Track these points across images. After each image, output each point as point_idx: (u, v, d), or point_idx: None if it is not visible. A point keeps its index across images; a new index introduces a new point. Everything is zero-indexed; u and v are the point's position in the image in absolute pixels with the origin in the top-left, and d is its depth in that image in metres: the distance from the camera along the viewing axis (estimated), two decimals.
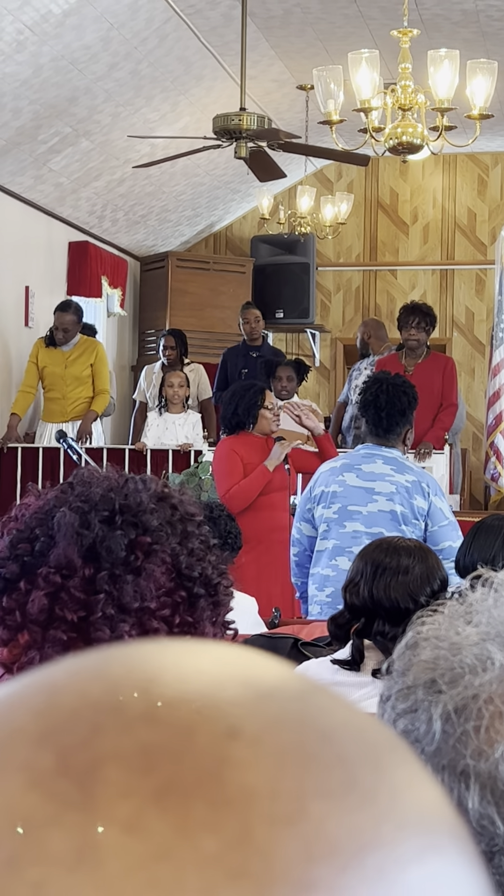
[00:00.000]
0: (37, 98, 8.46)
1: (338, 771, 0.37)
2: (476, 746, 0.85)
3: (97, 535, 1.36)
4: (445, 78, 6.46)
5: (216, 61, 8.96)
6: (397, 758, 0.39)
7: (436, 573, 2.97)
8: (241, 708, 0.37)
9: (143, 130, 9.29)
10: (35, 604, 1.35)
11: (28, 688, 0.38)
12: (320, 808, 0.36)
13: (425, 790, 0.39)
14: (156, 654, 0.39)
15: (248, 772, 0.36)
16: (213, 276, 11.39)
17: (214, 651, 0.40)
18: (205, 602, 1.38)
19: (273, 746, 0.36)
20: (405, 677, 0.92)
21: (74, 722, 0.37)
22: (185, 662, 0.39)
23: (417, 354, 8.69)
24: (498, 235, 10.19)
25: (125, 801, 0.35)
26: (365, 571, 2.96)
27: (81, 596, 1.34)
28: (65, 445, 7.32)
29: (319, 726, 0.38)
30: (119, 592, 1.34)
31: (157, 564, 1.36)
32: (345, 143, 7.11)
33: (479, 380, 11.44)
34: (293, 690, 0.39)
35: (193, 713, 0.37)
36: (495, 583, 0.98)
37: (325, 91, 6.75)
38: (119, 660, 0.39)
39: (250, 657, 0.40)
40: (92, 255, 10.57)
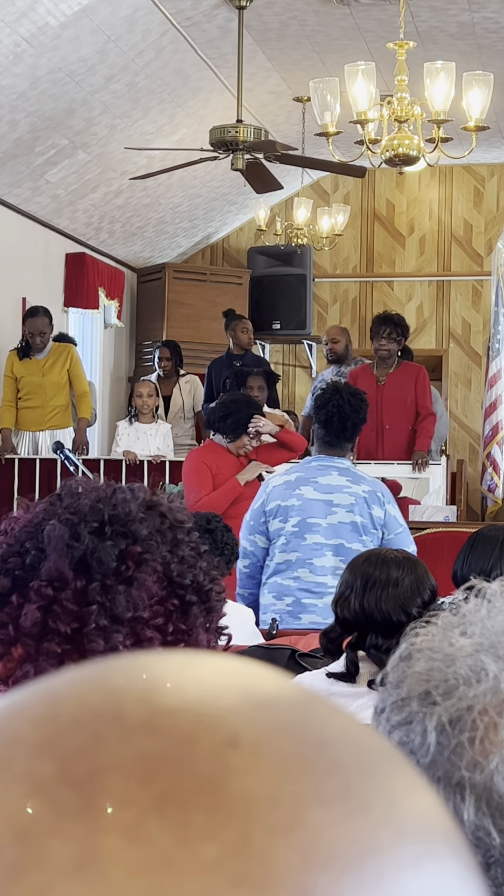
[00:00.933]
0: (34, 110, 8.47)
1: (335, 778, 0.37)
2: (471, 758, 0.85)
3: (87, 547, 1.36)
4: (441, 90, 6.48)
5: (213, 73, 8.98)
6: (393, 766, 0.39)
7: (425, 583, 2.97)
8: (240, 717, 0.37)
9: (139, 142, 9.31)
10: (28, 617, 1.35)
11: (29, 697, 0.39)
12: (318, 815, 0.36)
13: (422, 797, 0.39)
14: (155, 664, 0.40)
15: (247, 779, 0.36)
16: (209, 288, 11.41)
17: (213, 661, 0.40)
18: (197, 609, 1.38)
19: (272, 754, 0.37)
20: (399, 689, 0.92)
21: (75, 731, 0.37)
22: (185, 672, 0.39)
23: (389, 364, 8.73)
24: (494, 247, 10.20)
25: (126, 809, 0.35)
26: (355, 585, 2.95)
27: (74, 608, 1.35)
28: (61, 457, 7.32)
29: (317, 735, 0.38)
30: (111, 603, 1.34)
31: (148, 573, 1.36)
32: (341, 154, 7.13)
33: (475, 391, 11.45)
34: (291, 700, 0.39)
35: (193, 722, 0.37)
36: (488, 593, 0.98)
37: (321, 103, 6.77)
38: (119, 670, 0.39)
39: (248, 667, 0.40)
40: (89, 267, 10.58)
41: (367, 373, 8.89)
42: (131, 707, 0.37)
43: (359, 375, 8.97)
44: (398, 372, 8.75)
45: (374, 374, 8.78)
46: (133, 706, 0.37)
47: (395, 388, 8.71)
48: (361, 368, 9.05)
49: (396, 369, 8.76)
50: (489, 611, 0.96)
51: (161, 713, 0.37)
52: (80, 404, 9.16)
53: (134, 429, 9.26)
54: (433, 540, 6.89)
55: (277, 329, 11.39)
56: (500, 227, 10.86)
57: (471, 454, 11.21)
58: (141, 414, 9.28)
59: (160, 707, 0.37)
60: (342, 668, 2.95)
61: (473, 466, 10.81)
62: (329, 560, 4.97)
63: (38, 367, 9.06)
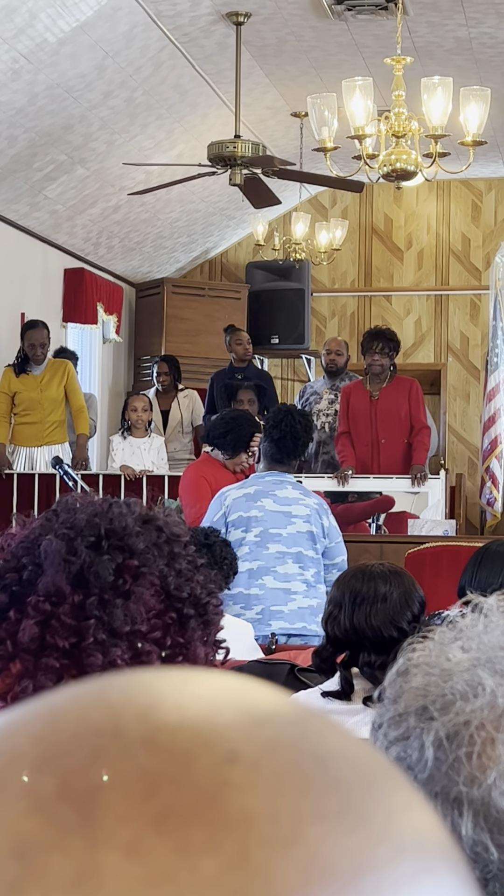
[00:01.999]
0: (32, 126, 8.49)
1: (334, 794, 0.37)
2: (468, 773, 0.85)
3: (84, 561, 1.36)
4: (439, 105, 6.50)
5: (211, 89, 9.00)
6: (391, 781, 0.39)
7: (414, 596, 2.95)
8: (238, 733, 0.38)
9: (138, 158, 9.33)
10: (26, 632, 1.35)
11: (28, 713, 0.39)
12: (317, 831, 0.36)
13: (420, 813, 0.39)
14: (155, 681, 0.40)
15: (246, 795, 0.36)
16: (208, 303, 11.42)
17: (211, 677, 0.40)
18: (195, 622, 1.38)
19: (270, 770, 0.37)
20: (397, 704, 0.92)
21: (75, 747, 0.37)
22: (184, 688, 0.40)
23: (382, 379, 8.75)
24: (492, 261, 10.22)
25: (125, 825, 0.35)
26: (343, 602, 2.92)
27: (72, 622, 1.34)
28: (60, 472, 7.32)
29: (315, 750, 0.38)
30: (109, 617, 1.34)
31: (145, 587, 1.36)
32: (339, 169, 7.15)
33: (474, 405, 11.46)
34: (289, 715, 0.40)
35: (192, 738, 0.37)
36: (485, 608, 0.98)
37: (319, 118, 6.79)
38: (118, 686, 0.39)
39: (246, 684, 0.41)
40: (87, 282, 10.59)
41: (360, 388, 8.91)
42: (130, 723, 0.37)
43: (352, 391, 8.98)
44: (391, 386, 8.77)
45: (368, 389, 8.80)
46: (132, 722, 0.37)
47: (388, 403, 8.73)
48: (355, 384, 9.07)
49: (389, 384, 8.78)
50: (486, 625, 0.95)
51: (160, 729, 0.37)
52: (77, 420, 9.14)
53: (128, 443, 9.25)
54: (432, 554, 6.89)
55: (276, 343, 11.40)
56: (498, 241, 10.88)
57: (470, 468, 11.22)
58: (135, 428, 9.27)
59: (159, 723, 0.37)
60: (336, 686, 2.93)
61: (472, 480, 10.81)
62: (291, 567, 5.36)
63: (35, 383, 9.05)
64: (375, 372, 8.73)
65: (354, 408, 8.85)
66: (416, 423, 8.71)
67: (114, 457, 9.26)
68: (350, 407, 8.88)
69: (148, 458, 9.17)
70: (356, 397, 8.89)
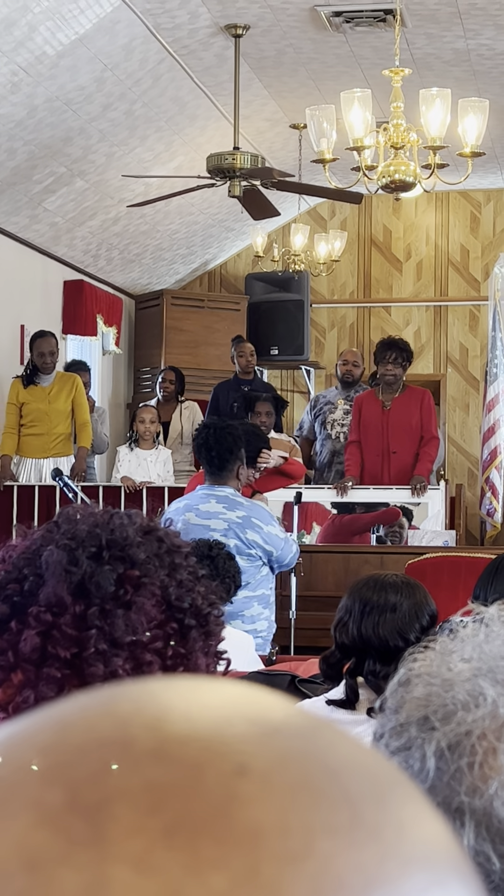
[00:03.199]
0: (31, 139, 8.51)
1: (344, 807, 0.37)
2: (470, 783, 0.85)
3: (85, 572, 1.36)
4: (437, 116, 6.51)
5: (210, 101, 9.02)
6: (402, 793, 0.39)
7: (424, 608, 2.94)
8: (248, 745, 0.37)
9: (137, 170, 9.35)
10: (27, 643, 1.35)
11: (37, 724, 0.39)
12: (327, 845, 0.36)
13: (430, 826, 0.39)
14: (163, 692, 0.40)
15: (256, 809, 0.36)
16: (207, 314, 11.43)
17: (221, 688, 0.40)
18: (196, 633, 1.38)
19: (281, 783, 0.37)
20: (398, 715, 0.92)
21: (83, 759, 0.37)
22: (193, 700, 0.39)
23: (394, 389, 8.74)
24: (491, 272, 10.23)
25: (135, 838, 0.35)
26: (353, 610, 2.92)
27: (73, 633, 1.35)
28: (60, 483, 7.31)
29: (326, 763, 0.38)
30: (110, 627, 1.34)
31: (146, 597, 1.36)
32: (338, 181, 7.16)
33: (473, 415, 11.46)
34: (299, 727, 0.39)
35: (202, 750, 0.37)
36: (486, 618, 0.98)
37: (317, 130, 6.80)
38: (127, 697, 0.39)
39: (257, 694, 0.40)
40: (87, 294, 10.60)
41: (372, 398, 8.89)
42: (139, 735, 0.37)
43: (364, 401, 8.96)
44: (403, 396, 8.74)
45: (380, 399, 8.78)
46: (141, 734, 0.37)
47: (400, 413, 8.70)
48: (367, 394, 9.04)
49: (402, 394, 8.75)
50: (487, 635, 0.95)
51: (169, 741, 0.37)
52: (80, 433, 9.15)
53: (135, 455, 9.24)
54: (432, 565, 6.88)
55: (275, 355, 11.40)
56: (497, 252, 10.89)
57: (469, 479, 11.21)
58: (142, 440, 9.25)
59: (168, 735, 0.37)
60: (341, 694, 2.93)
61: (472, 491, 10.81)
62: None
63: (43, 395, 9.06)
64: (388, 381, 8.71)
65: (366, 417, 8.83)
66: (425, 433, 8.69)
67: (118, 468, 9.24)
68: (362, 416, 8.86)
69: (154, 470, 9.15)
70: (368, 407, 8.87)
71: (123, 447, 9.40)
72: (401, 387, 8.76)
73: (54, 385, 9.07)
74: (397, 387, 8.74)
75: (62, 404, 9.07)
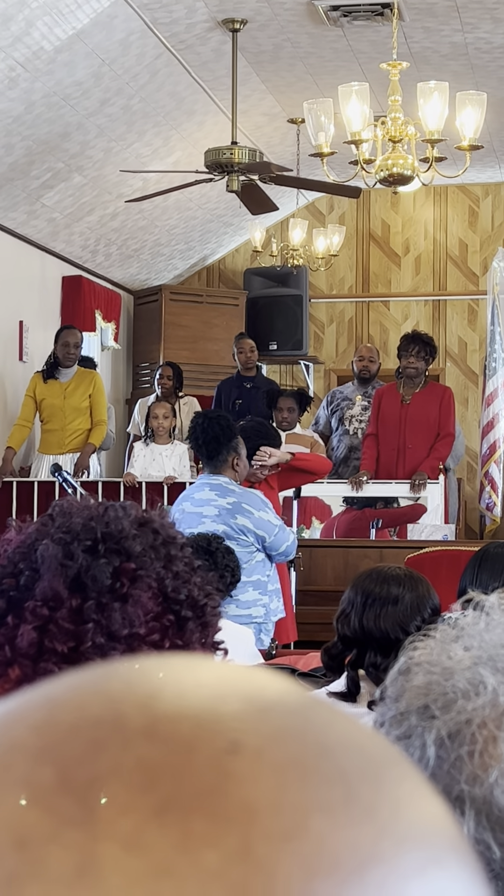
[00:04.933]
0: (29, 134, 8.50)
1: (338, 785, 0.37)
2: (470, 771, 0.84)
3: (81, 565, 1.36)
4: (435, 109, 6.50)
5: (207, 96, 9.01)
6: (398, 772, 0.39)
7: (426, 602, 2.95)
8: (241, 722, 0.37)
9: (135, 165, 9.34)
10: (24, 637, 1.35)
11: (27, 703, 0.38)
12: (321, 823, 0.36)
13: (426, 804, 0.39)
14: (155, 670, 0.39)
15: (248, 787, 0.36)
16: (206, 309, 11.42)
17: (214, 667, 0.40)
18: (193, 624, 1.38)
19: (274, 761, 0.36)
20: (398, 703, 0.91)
21: (74, 737, 0.36)
22: (185, 677, 0.39)
23: (416, 384, 8.71)
24: (489, 266, 10.23)
25: (126, 817, 0.35)
26: (355, 602, 2.93)
27: (70, 626, 1.35)
28: (60, 479, 7.31)
29: (320, 740, 0.38)
30: (107, 620, 1.34)
31: (143, 590, 1.36)
32: (336, 175, 7.15)
33: (472, 410, 11.46)
34: (293, 704, 0.39)
35: (194, 728, 0.36)
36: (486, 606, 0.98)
37: (315, 124, 6.79)
38: (119, 675, 0.39)
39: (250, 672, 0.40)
40: (85, 290, 10.59)
41: (392, 391, 8.86)
42: (131, 713, 0.37)
43: (384, 394, 8.93)
44: (424, 392, 8.71)
45: (400, 392, 8.75)
46: (133, 712, 0.37)
47: (419, 408, 8.66)
48: (388, 387, 9.01)
49: (423, 389, 8.72)
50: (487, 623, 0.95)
51: (161, 719, 0.37)
52: (94, 431, 9.17)
53: (150, 450, 9.22)
54: (431, 559, 6.88)
55: (274, 350, 11.40)
56: (496, 246, 10.89)
57: (469, 473, 11.21)
58: (157, 435, 9.24)
59: (160, 713, 0.37)
60: (342, 687, 2.93)
61: (471, 485, 10.81)
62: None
63: (60, 390, 9.07)
64: (410, 375, 8.68)
65: (385, 411, 8.80)
66: (441, 429, 8.65)
67: (133, 463, 9.23)
68: (381, 410, 8.83)
69: (169, 465, 9.12)
70: (387, 401, 8.84)
71: (139, 443, 9.39)
72: (423, 381, 8.72)
73: (72, 381, 9.11)
74: (419, 381, 8.70)
75: (77, 400, 9.09)
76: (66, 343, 9.02)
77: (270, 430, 6.64)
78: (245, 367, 10.04)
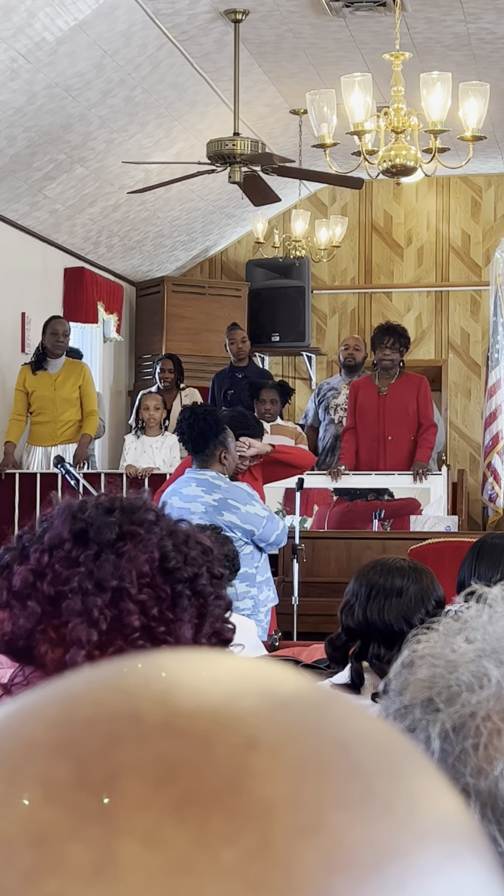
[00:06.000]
0: (31, 125, 8.49)
1: (356, 781, 0.37)
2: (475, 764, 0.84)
3: (90, 519, 1.42)
4: (438, 100, 6.49)
5: (209, 87, 9.00)
6: (415, 767, 0.39)
7: (430, 594, 2.95)
8: (259, 718, 0.37)
9: (137, 156, 9.33)
10: (19, 577, 1.39)
11: (44, 698, 0.38)
12: (339, 819, 0.36)
13: (444, 799, 0.38)
14: (172, 665, 0.39)
15: (266, 783, 0.35)
16: (208, 301, 11.41)
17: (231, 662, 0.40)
18: (189, 605, 1.40)
19: (292, 757, 0.36)
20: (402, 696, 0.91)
21: (91, 733, 0.36)
22: (202, 672, 0.39)
23: (391, 375, 8.75)
24: (492, 257, 10.21)
25: (143, 813, 0.35)
26: (359, 593, 2.93)
27: (63, 571, 1.38)
28: (62, 471, 7.30)
29: (337, 736, 0.38)
30: (99, 570, 1.38)
31: (141, 551, 1.40)
32: (338, 166, 7.13)
33: (475, 401, 11.46)
34: (311, 700, 0.39)
35: (211, 723, 0.36)
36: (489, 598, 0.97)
37: (318, 115, 6.78)
38: (136, 670, 0.39)
39: (267, 667, 0.40)
40: (88, 281, 10.59)
41: (368, 384, 8.90)
42: (148, 708, 0.37)
43: (360, 386, 8.97)
44: (400, 382, 8.76)
45: (376, 384, 8.79)
46: (150, 707, 0.37)
47: (397, 399, 8.72)
48: (363, 379, 9.06)
49: (398, 380, 8.77)
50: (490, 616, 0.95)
51: (178, 714, 0.36)
52: (86, 421, 9.16)
53: (140, 442, 9.23)
54: (434, 550, 6.88)
55: (276, 341, 11.39)
56: (498, 237, 10.87)
57: (471, 464, 11.21)
58: (148, 427, 9.24)
59: (177, 708, 0.37)
60: (346, 679, 2.93)
61: (474, 476, 10.81)
62: None
63: (49, 382, 9.06)
64: (385, 366, 8.72)
65: (362, 403, 8.83)
66: (423, 420, 8.70)
67: (125, 456, 9.24)
68: (358, 402, 8.86)
69: (159, 457, 9.13)
70: (364, 393, 8.87)
71: (130, 435, 9.39)
72: (398, 373, 8.76)
73: (61, 372, 9.08)
74: (395, 372, 8.75)
75: (68, 392, 9.08)
76: (54, 332, 8.99)
77: (251, 420, 6.61)
78: (237, 358, 10.05)
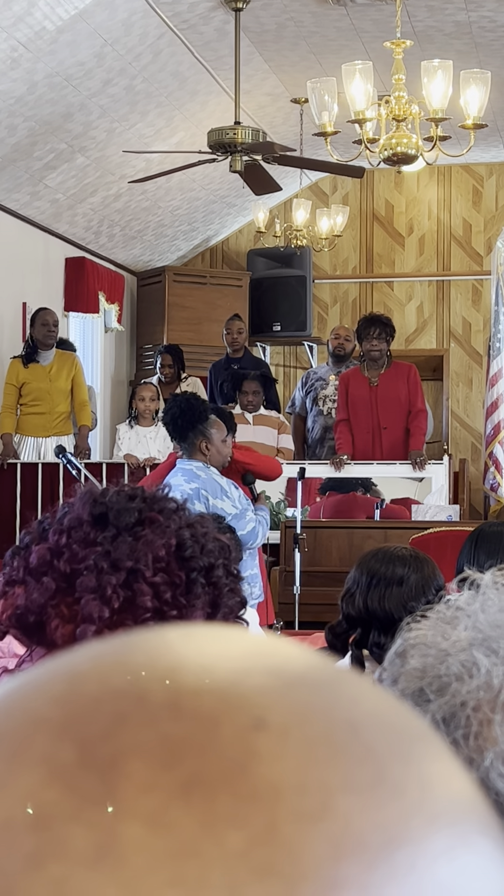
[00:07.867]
0: (32, 115, 8.47)
1: (366, 764, 0.36)
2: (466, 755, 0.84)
3: (111, 504, 1.43)
4: (439, 88, 6.47)
5: (210, 76, 8.97)
6: (427, 749, 0.38)
7: (431, 582, 2.95)
8: (267, 698, 0.36)
9: (138, 146, 9.31)
10: (36, 554, 1.41)
11: (49, 674, 0.37)
12: (348, 803, 0.35)
13: (456, 782, 0.38)
14: (179, 641, 0.38)
15: (274, 765, 0.35)
16: (209, 291, 11.40)
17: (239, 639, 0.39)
18: (203, 593, 1.41)
19: (300, 739, 0.35)
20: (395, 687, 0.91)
21: (96, 711, 0.35)
22: (210, 650, 0.38)
23: (379, 365, 8.76)
24: (493, 246, 10.19)
25: (148, 795, 0.34)
26: (360, 581, 2.94)
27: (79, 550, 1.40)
28: (64, 461, 7.30)
29: (347, 717, 0.37)
30: (116, 551, 1.40)
31: (158, 536, 1.42)
32: (339, 155, 7.12)
33: (476, 390, 11.44)
34: (320, 679, 0.38)
35: (218, 703, 0.35)
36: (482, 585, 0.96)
37: (319, 103, 6.76)
38: (141, 648, 0.38)
39: (276, 644, 0.39)
40: (89, 271, 10.57)
41: (358, 375, 8.90)
42: (153, 687, 0.36)
43: (350, 378, 8.97)
44: (389, 372, 8.78)
45: (366, 375, 8.80)
46: (156, 686, 0.36)
47: (388, 388, 8.73)
48: (353, 371, 9.06)
49: (388, 369, 8.79)
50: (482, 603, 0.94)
51: (185, 694, 0.36)
52: (80, 413, 9.17)
53: (135, 432, 9.25)
54: (436, 539, 6.88)
55: (278, 331, 11.38)
56: (500, 226, 10.85)
57: (473, 453, 11.20)
58: (142, 417, 9.26)
59: (184, 687, 0.36)
60: (347, 666, 2.93)
61: (476, 466, 10.80)
62: None
63: (44, 373, 9.05)
64: (374, 357, 8.74)
65: (354, 395, 8.83)
66: (413, 406, 8.72)
67: (120, 445, 9.27)
68: (349, 394, 8.86)
69: (154, 447, 9.15)
70: (355, 384, 8.87)
71: (123, 425, 9.41)
72: (386, 362, 8.78)
73: (54, 364, 9.07)
74: (383, 362, 8.76)
75: (63, 383, 9.08)
76: (45, 322, 8.97)
77: (222, 414, 6.56)
78: (232, 349, 10.06)
